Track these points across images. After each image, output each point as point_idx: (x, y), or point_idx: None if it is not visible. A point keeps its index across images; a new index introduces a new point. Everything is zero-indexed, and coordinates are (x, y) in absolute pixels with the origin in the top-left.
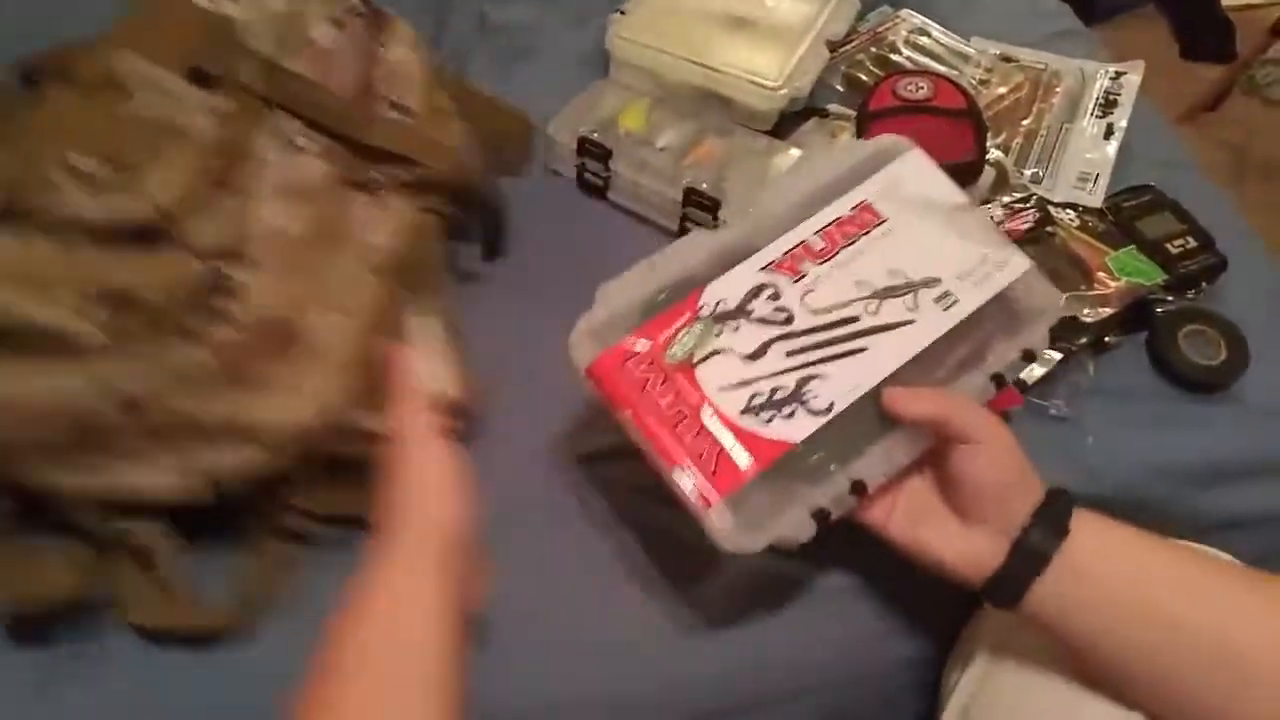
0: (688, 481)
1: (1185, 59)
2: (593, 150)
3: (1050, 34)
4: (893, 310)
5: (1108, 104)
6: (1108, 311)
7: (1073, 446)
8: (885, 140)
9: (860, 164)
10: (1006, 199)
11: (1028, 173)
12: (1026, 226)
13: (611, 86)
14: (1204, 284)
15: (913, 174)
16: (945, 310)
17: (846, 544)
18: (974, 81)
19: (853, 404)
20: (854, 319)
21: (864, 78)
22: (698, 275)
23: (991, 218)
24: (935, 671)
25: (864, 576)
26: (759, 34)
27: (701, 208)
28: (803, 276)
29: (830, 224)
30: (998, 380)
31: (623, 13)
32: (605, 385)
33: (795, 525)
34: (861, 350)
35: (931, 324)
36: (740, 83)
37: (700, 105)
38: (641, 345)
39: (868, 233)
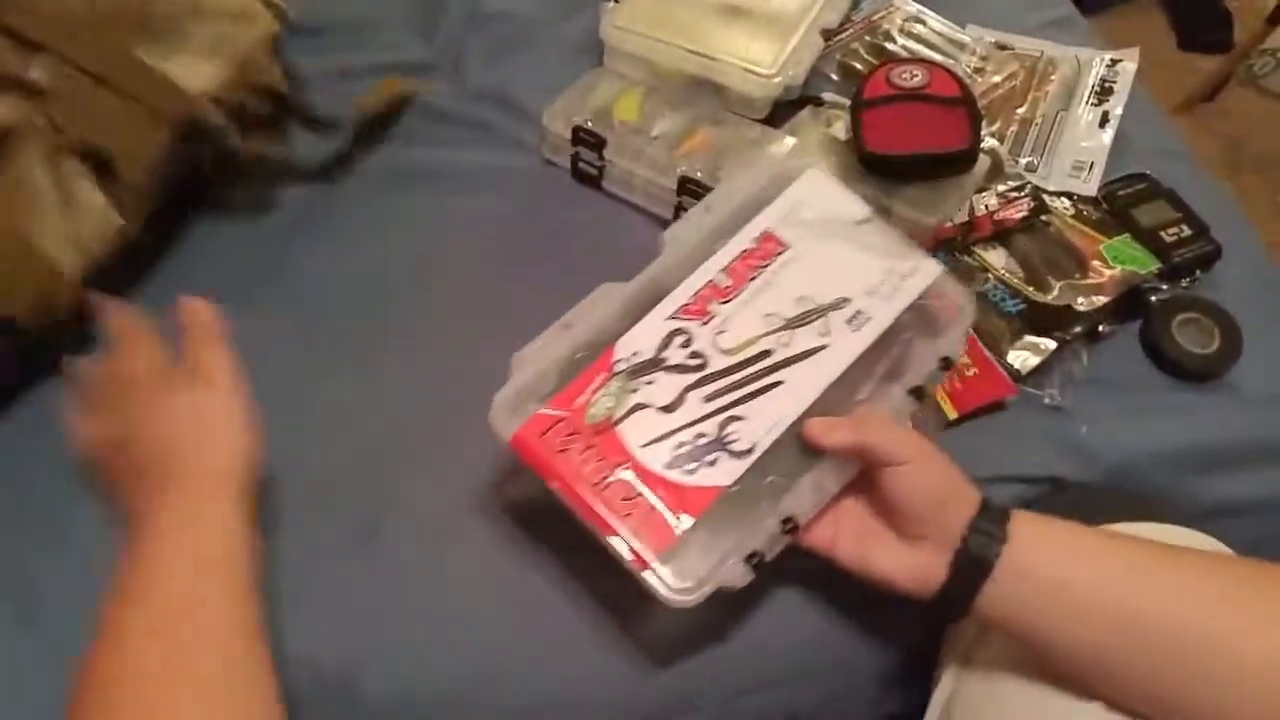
0: (622, 546)
1: (1182, 49)
2: (587, 140)
3: (1046, 22)
4: (805, 338)
5: (1103, 92)
6: (1102, 300)
7: (1067, 435)
8: (783, 163)
9: (762, 190)
10: (1001, 187)
11: (1023, 161)
12: (1021, 215)
13: (605, 75)
14: (1198, 272)
15: (812, 194)
16: (857, 330)
17: None
18: (969, 69)
19: (777, 440)
20: (767, 353)
21: (858, 66)
22: (612, 328)
23: (988, 208)
24: (928, 665)
25: None
26: (754, 22)
27: (696, 196)
28: (712, 318)
29: (735, 259)
30: (917, 393)
31: (616, 1)
32: (528, 457)
33: (732, 575)
34: (778, 384)
35: (845, 347)
36: (735, 71)
37: (694, 94)
38: (559, 413)
39: (771, 263)
